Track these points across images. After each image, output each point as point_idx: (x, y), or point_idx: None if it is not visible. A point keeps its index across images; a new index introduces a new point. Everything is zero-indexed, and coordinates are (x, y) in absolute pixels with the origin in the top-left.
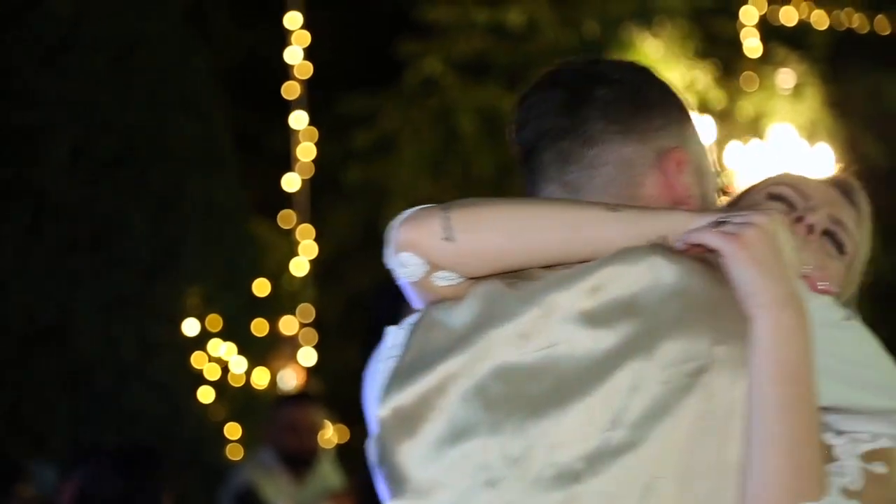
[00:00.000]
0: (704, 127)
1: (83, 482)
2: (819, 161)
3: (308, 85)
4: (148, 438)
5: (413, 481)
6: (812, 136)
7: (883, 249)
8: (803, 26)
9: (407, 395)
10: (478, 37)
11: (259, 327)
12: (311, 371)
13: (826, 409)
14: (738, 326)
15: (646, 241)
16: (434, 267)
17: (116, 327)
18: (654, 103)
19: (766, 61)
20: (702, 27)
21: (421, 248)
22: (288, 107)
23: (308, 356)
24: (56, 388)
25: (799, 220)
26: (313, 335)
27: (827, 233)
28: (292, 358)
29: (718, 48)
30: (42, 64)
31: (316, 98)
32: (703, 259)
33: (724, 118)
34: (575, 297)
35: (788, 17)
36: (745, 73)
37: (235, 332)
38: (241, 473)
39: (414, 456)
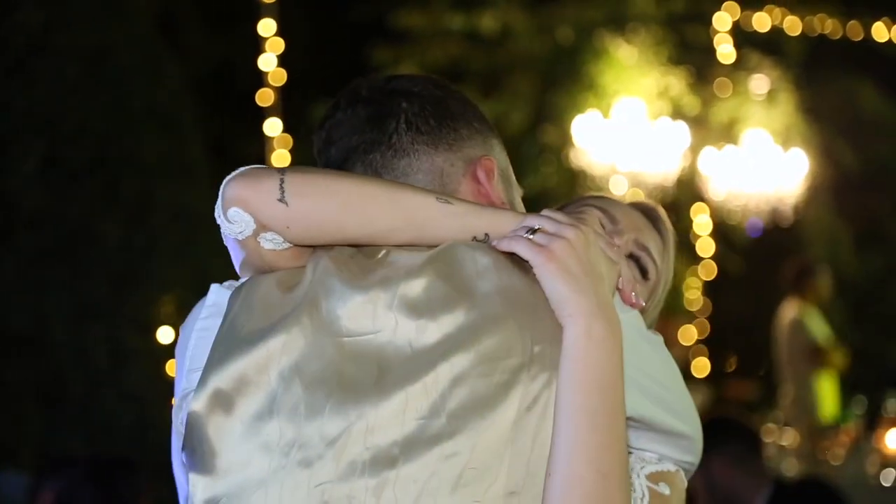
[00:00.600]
0: (680, 133)
1: (58, 493)
2: (793, 166)
3: (282, 92)
4: (122, 448)
5: (223, 458)
6: (786, 142)
7: (857, 255)
8: (776, 32)
9: (226, 377)
10: (452, 43)
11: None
12: None
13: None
14: (555, 329)
15: (471, 235)
16: (262, 227)
17: (88, 336)
18: (457, 114)
19: (740, 67)
20: (675, 33)
21: (251, 206)
22: (262, 114)
23: None
24: (27, 398)
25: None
26: None
27: (632, 257)
28: None
29: (692, 54)
30: (12, 73)
31: (290, 105)
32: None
33: (699, 124)
34: (402, 286)
35: (761, 23)
36: (719, 79)
37: None
38: None
39: (227, 432)
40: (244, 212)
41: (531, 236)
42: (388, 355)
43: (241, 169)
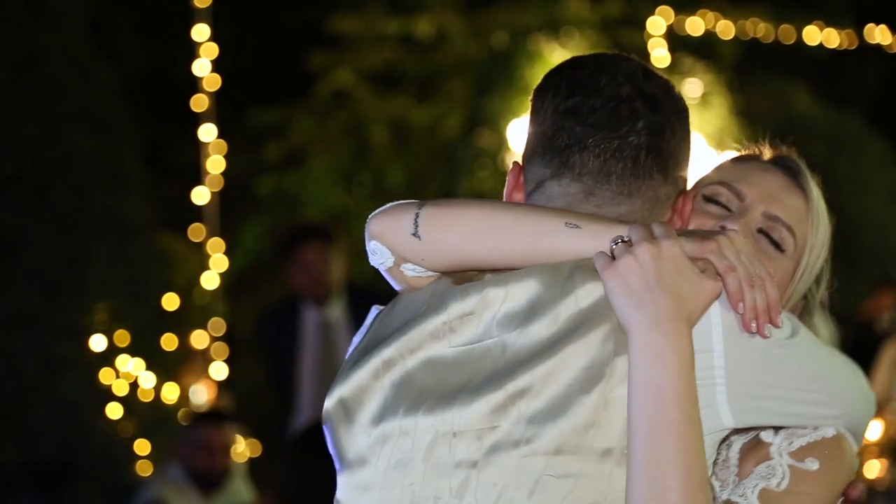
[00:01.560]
0: None
1: None
2: None
3: (217, 97)
4: (56, 456)
5: (349, 458)
6: (720, 145)
7: None
8: (710, 36)
9: (349, 386)
10: (388, 48)
11: (168, 342)
12: (222, 385)
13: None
14: None
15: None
16: (400, 259)
17: (20, 344)
18: (685, 142)
19: (674, 71)
20: (609, 37)
21: (388, 241)
22: (197, 119)
23: (219, 370)
24: None
25: (722, 228)
26: (224, 349)
27: (761, 231)
28: (203, 372)
29: None
30: None
31: (225, 110)
32: None
33: None
34: (501, 298)
35: (695, 27)
36: None
37: (144, 347)
38: (149, 489)
39: (351, 436)
40: (383, 246)
41: (613, 247)
42: (481, 364)
43: (387, 205)
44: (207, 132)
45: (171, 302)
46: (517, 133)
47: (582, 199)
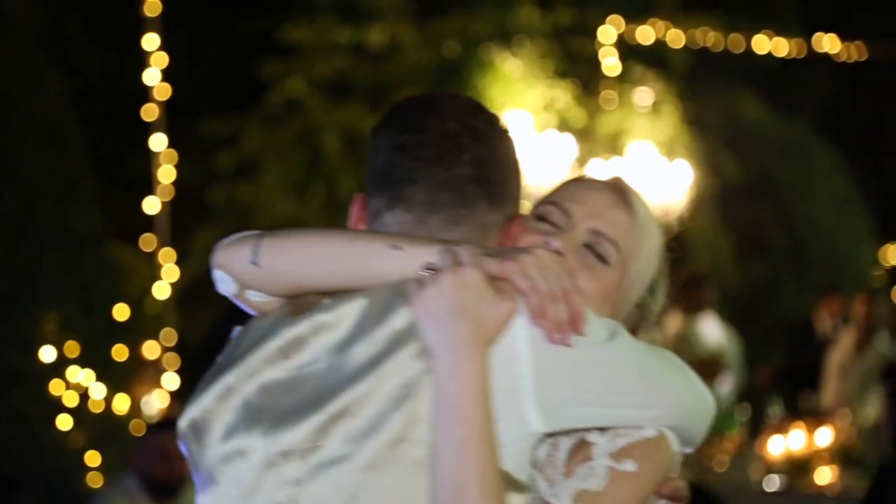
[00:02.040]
0: (566, 145)
1: None
2: (678, 176)
3: (168, 107)
4: (5, 468)
5: (201, 477)
6: (671, 153)
7: (740, 264)
8: (660, 45)
9: (198, 408)
10: (340, 57)
11: (119, 352)
12: (174, 396)
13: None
14: None
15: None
16: (243, 286)
17: None
18: (512, 171)
19: (625, 79)
20: (561, 46)
21: (230, 269)
22: (147, 129)
23: (171, 381)
24: None
25: (546, 244)
26: (176, 360)
27: (587, 245)
28: (155, 383)
29: (578, 67)
30: None
31: (176, 120)
32: None
33: (585, 136)
34: (330, 324)
35: (645, 36)
36: (604, 91)
37: (94, 357)
38: (102, 501)
39: (201, 456)
40: (226, 274)
41: (422, 274)
42: (310, 386)
43: (231, 237)
44: (158, 142)
45: (121, 312)
46: None
47: (413, 228)
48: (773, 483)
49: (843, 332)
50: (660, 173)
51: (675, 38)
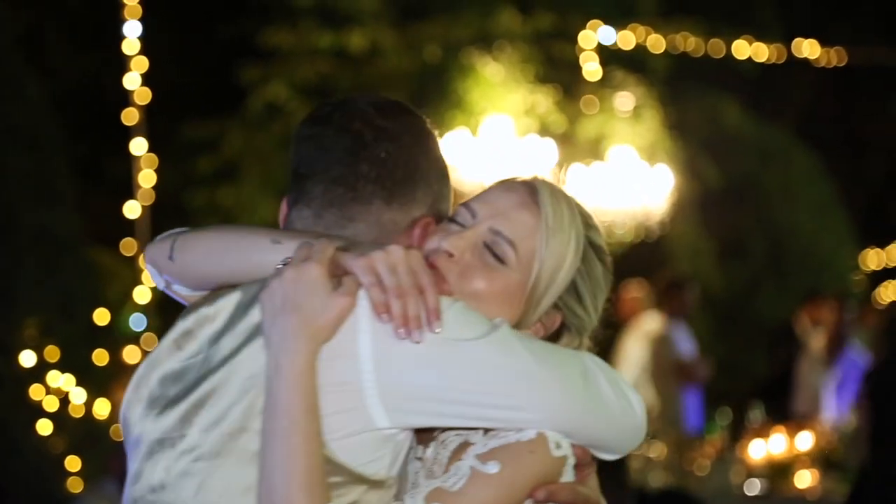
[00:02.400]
0: (547, 149)
1: None
2: (659, 181)
3: (148, 111)
4: None
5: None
6: (651, 158)
7: (720, 268)
8: (641, 50)
9: (127, 396)
10: (321, 61)
11: (99, 357)
12: None
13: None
14: None
15: None
16: (168, 280)
17: None
18: (420, 176)
19: (606, 84)
20: (542, 51)
21: (155, 265)
22: (128, 133)
23: None
24: None
25: (438, 244)
26: None
27: (486, 244)
28: None
29: (558, 72)
30: None
31: (156, 124)
32: None
33: (566, 141)
34: (211, 317)
35: (626, 41)
36: (586, 96)
37: (75, 362)
38: None
39: (126, 445)
40: (153, 269)
41: (279, 267)
42: (189, 377)
43: (162, 234)
44: (138, 146)
45: (101, 317)
46: (450, 146)
47: (313, 224)
48: (753, 487)
49: (813, 338)
50: (641, 178)
51: (656, 43)
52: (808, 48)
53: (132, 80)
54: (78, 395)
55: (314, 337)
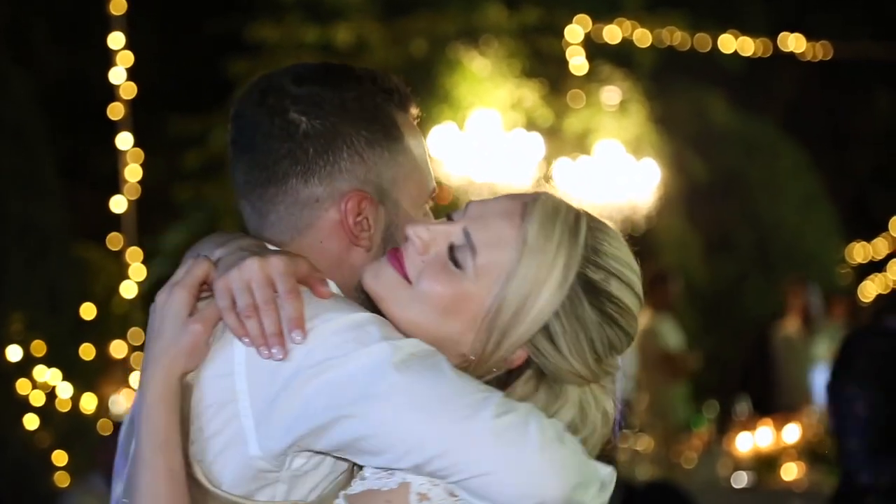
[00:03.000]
0: (534, 144)
1: None
2: (645, 175)
3: (134, 105)
4: None
5: None
6: (637, 152)
7: (707, 262)
8: (627, 44)
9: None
10: (307, 56)
11: (86, 352)
12: None
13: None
14: None
15: None
16: None
17: None
18: (343, 143)
19: (592, 79)
20: (528, 45)
21: None
22: (114, 128)
23: (139, 380)
24: None
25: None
26: None
27: (451, 246)
28: (123, 382)
29: (545, 66)
30: None
31: (142, 119)
32: None
33: (552, 135)
34: None
35: (612, 35)
36: (572, 90)
37: (61, 357)
38: (68, 500)
39: None
40: None
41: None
42: None
43: None
44: (124, 140)
45: (88, 311)
46: (437, 140)
47: (248, 214)
48: (740, 479)
49: (780, 325)
50: (627, 172)
51: (642, 37)
52: (793, 42)
53: (118, 75)
54: (64, 390)
55: (170, 366)
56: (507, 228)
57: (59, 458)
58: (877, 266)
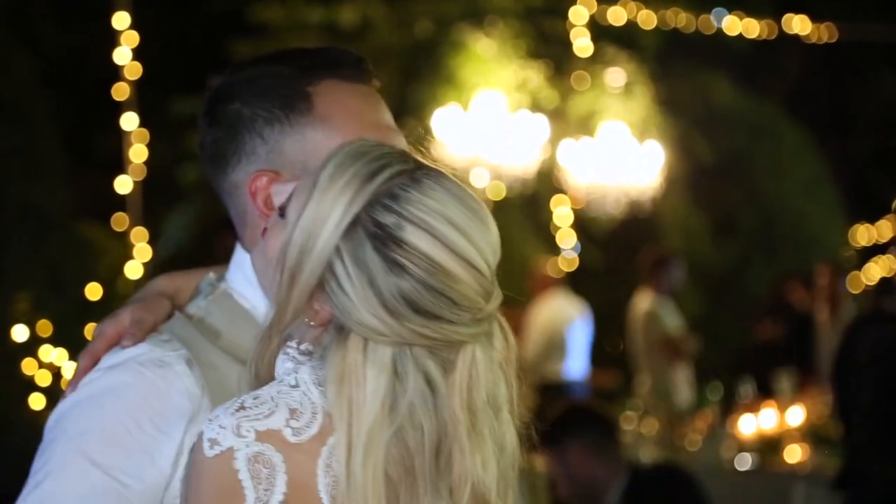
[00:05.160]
0: (538, 125)
1: None
2: (649, 157)
3: (138, 86)
4: None
5: None
6: (642, 134)
7: (712, 244)
8: (631, 26)
9: None
10: (311, 37)
11: (92, 332)
12: None
13: None
14: None
15: None
16: None
17: None
18: (245, 124)
19: (597, 60)
20: (533, 27)
21: None
22: (118, 108)
23: None
24: None
25: None
26: None
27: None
28: None
29: (550, 48)
30: None
31: (147, 99)
32: None
33: (557, 117)
34: None
35: (617, 16)
36: (576, 72)
37: (67, 336)
38: None
39: None
40: None
41: None
42: None
43: None
44: (129, 121)
45: (94, 292)
46: (441, 122)
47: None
48: (744, 462)
49: (817, 308)
50: (631, 154)
51: (647, 18)
52: (798, 24)
53: (122, 55)
54: (70, 370)
55: None
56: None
57: None
58: (881, 248)
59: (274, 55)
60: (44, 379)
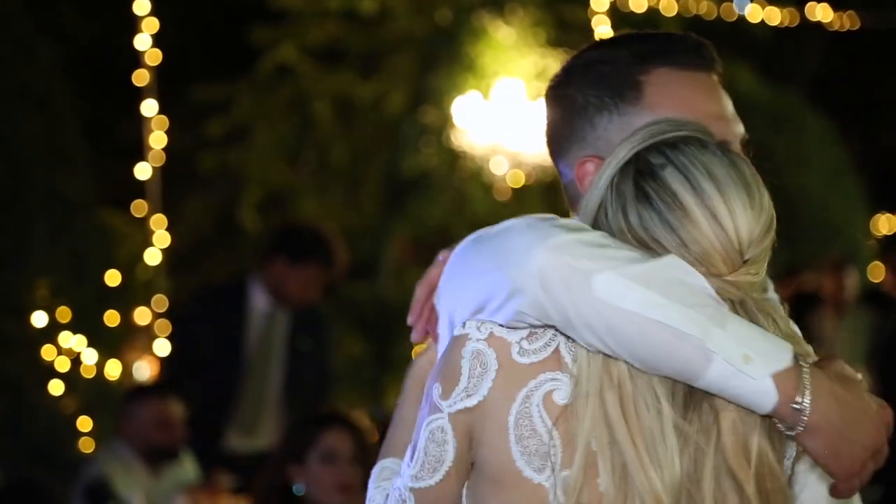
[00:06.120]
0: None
1: None
2: None
3: (158, 72)
4: None
5: None
6: None
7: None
8: (653, 13)
9: None
10: (331, 23)
11: (111, 318)
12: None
13: None
14: None
15: None
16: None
17: None
18: (573, 116)
19: None
20: (553, 14)
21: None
22: (138, 95)
23: (163, 347)
24: None
25: None
26: (167, 326)
27: None
28: (147, 349)
29: (570, 35)
30: None
31: (167, 86)
32: None
33: None
34: None
35: (638, 3)
36: None
37: (86, 323)
38: (93, 466)
39: None
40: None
41: None
42: None
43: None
44: (149, 107)
45: (113, 278)
46: (461, 109)
47: None
48: None
49: (821, 312)
50: None
51: (668, 5)
52: (821, 12)
53: (143, 42)
54: (89, 356)
55: None
56: None
57: (85, 423)
58: None
59: (613, 39)
60: (63, 365)
